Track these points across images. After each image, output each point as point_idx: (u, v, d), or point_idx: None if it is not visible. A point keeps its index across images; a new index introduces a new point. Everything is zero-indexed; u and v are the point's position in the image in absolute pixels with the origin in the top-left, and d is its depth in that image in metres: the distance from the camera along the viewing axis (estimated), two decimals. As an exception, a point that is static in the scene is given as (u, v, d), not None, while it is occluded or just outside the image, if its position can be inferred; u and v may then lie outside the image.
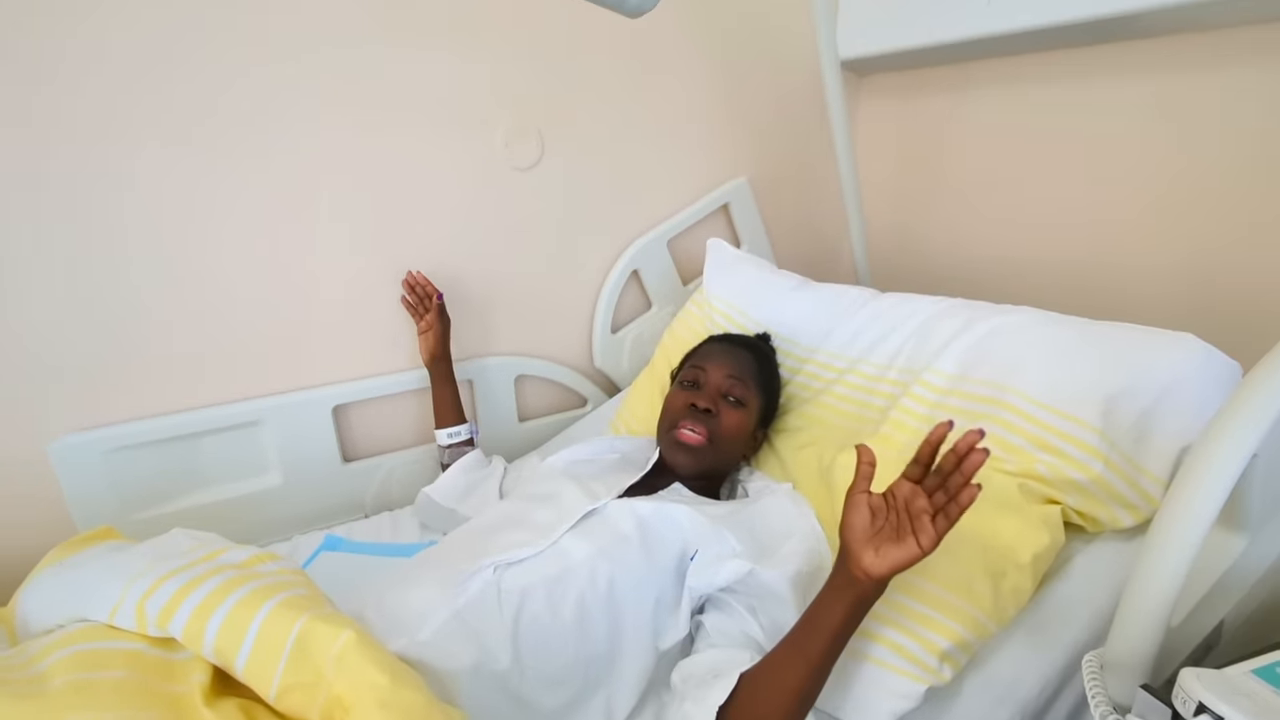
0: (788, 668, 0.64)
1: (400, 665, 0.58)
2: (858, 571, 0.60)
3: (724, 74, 1.46)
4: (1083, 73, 1.22)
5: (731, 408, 0.94)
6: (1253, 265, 1.07)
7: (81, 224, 0.96)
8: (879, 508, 0.62)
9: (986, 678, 0.73)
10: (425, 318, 1.17)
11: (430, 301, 1.17)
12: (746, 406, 0.96)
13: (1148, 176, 1.18)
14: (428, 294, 1.17)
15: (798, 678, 0.63)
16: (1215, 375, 0.78)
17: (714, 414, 0.92)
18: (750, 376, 0.97)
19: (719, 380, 0.96)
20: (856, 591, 0.61)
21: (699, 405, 0.92)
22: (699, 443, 0.90)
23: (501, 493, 1.09)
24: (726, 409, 0.94)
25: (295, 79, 1.05)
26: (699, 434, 0.90)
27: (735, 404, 0.95)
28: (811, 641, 0.63)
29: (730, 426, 0.93)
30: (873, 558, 0.60)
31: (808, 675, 0.63)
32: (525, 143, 1.26)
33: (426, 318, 1.16)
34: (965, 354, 0.93)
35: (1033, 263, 1.36)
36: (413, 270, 1.18)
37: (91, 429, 1.01)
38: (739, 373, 0.96)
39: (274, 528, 1.16)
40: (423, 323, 1.17)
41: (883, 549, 0.59)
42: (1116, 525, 0.80)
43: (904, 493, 0.61)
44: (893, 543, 0.59)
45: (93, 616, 0.61)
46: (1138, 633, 0.56)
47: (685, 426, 0.91)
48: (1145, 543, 0.55)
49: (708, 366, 0.97)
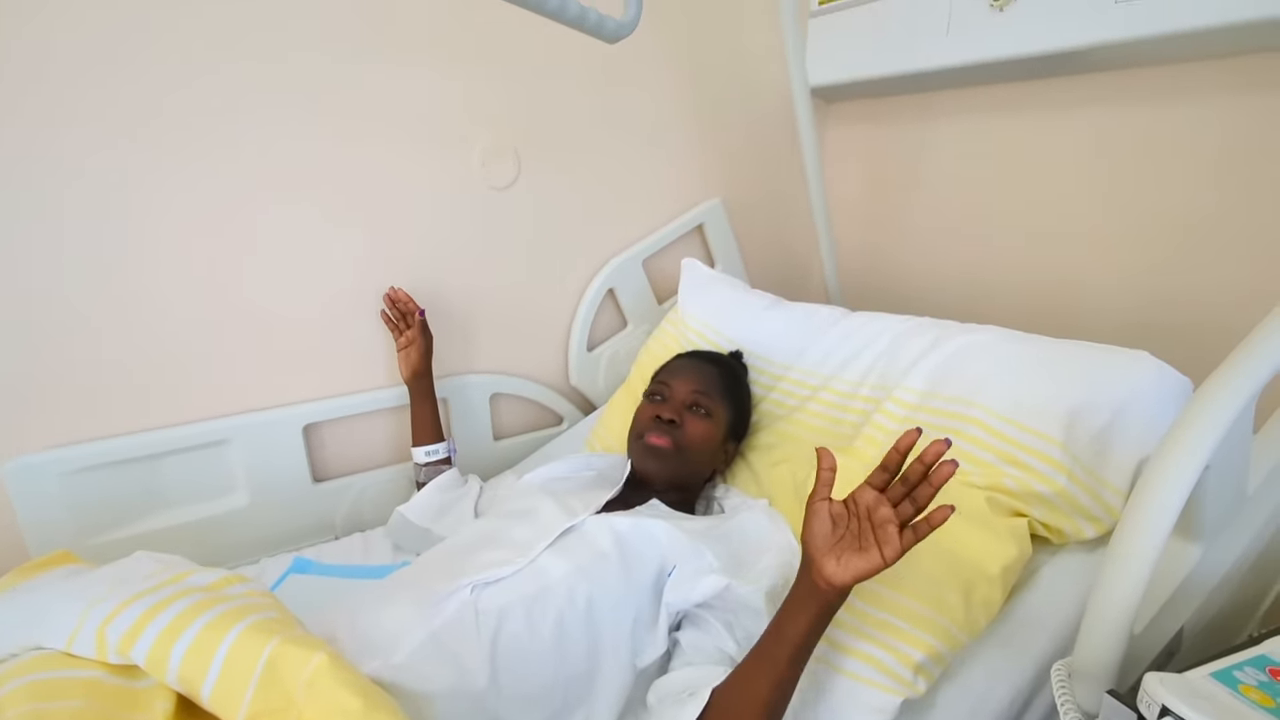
0: (756, 679, 0.64)
1: (373, 688, 0.56)
2: (820, 581, 0.60)
3: (698, 98, 1.49)
4: (1039, 104, 1.29)
5: (697, 418, 0.96)
6: (1206, 285, 1.12)
7: (34, 237, 0.93)
8: (840, 515, 0.61)
9: (960, 689, 0.74)
10: (406, 334, 1.15)
11: (412, 318, 1.16)
12: (713, 417, 0.97)
13: (1102, 201, 1.24)
14: (409, 310, 1.16)
15: (765, 688, 0.63)
16: (1168, 391, 0.81)
17: (678, 424, 0.94)
18: (715, 389, 0.99)
19: (683, 393, 0.98)
20: (820, 600, 0.61)
21: (664, 416, 0.94)
22: (667, 445, 0.92)
23: (477, 512, 1.07)
24: (691, 419, 0.95)
25: (270, 90, 1.04)
26: (665, 440, 0.92)
27: (701, 414, 0.96)
28: (777, 651, 0.63)
29: (696, 436, 0.94)
30: (835, 566, 0.59)
31: (775, 685, 0.62)
32: (502, 162, 1.27)
33: (407, 334, 1.15)
34: (934, 371, 0.95)
35: (997, 283, 1.41)
36: (394, 286, 1.17)
37: (48, 450, 0.97)
38: (703, 386, 0.98)
39: (241, 550, 1.12)
40: (403, 339, 1.15)
41: (844, 558, 0.59)
42: (1081, 536, 0.82)
43: (867, 500, 0.61)
44: (855, 552, 0.59)
45: (48, 644, 0.58)
46: (1103, 641, 0.57)
47: (652, 435, 0.93)
48: (1107, 554, 0.57)
49: (672, 381, 1.00)
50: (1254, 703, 0.46)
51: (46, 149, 0.92)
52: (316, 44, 1.06)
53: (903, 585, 0.75)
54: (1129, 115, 1.18)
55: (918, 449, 0.60)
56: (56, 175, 0.93)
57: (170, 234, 1.01)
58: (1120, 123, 1.19)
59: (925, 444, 0.60)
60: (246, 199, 1.06)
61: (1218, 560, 0.68)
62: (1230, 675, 0.48)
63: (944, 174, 1.48)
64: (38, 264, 0.94)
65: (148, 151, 0.98)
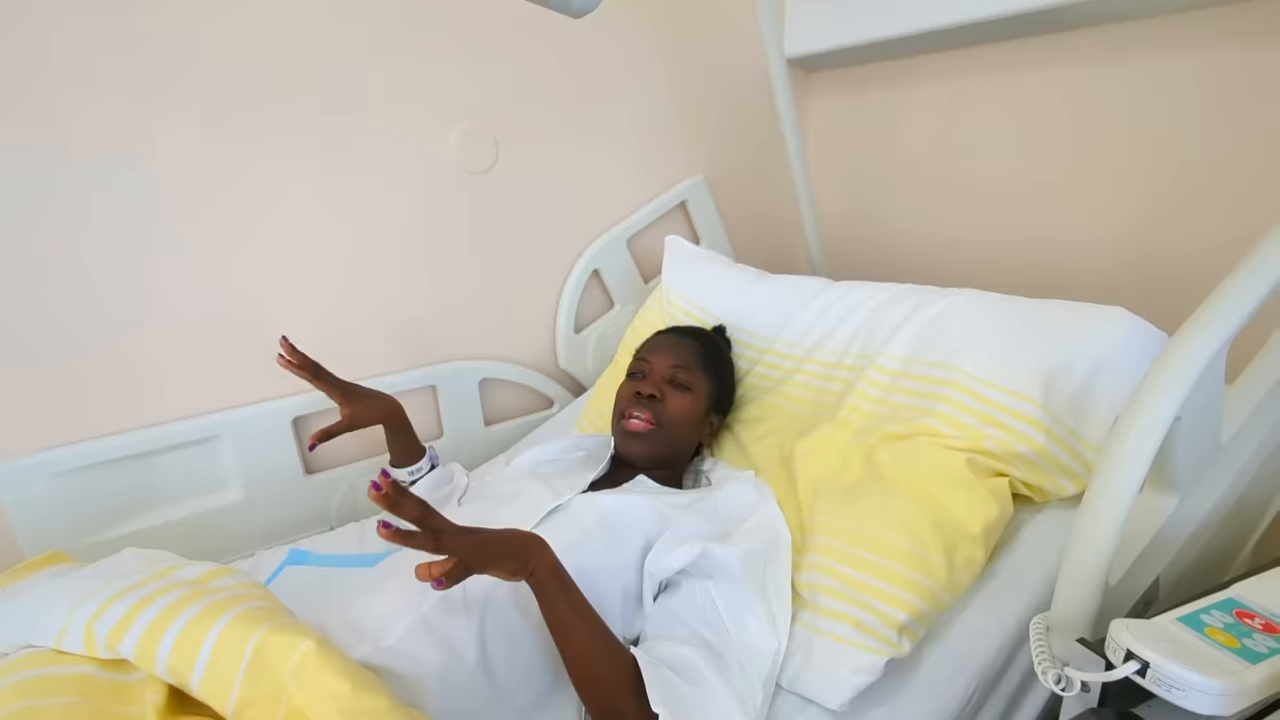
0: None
1: (361, 672, 0.57)
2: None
3: (676, 73, 1.47)
4: (1018, 64, 1.28)
5: (677, 392, 0.96)
6: (1188, 240, 1.12)
7: (15, 242, 0.93)
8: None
9: (944, 647, 0.75)
10: (342, 411, 1.00)
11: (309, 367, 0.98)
12: (693, 390, 0.97)
13: (1083, 160, 1.23)
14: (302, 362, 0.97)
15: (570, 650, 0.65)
16: (1145, 345, 0.82)
17: (659, 399, 0.94)
18: (695, 362, 0.99)
19: (662, 368, 0.98)
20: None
21: (643, 392, 0.95)
22: (647, 428, 0.92)
23: (460, 502, 1.08)
24: (672, 393, 0.96)
25: (243, 80, 1.03)
26: (645, 420, 0.92)
27: (681, 388, 0.97)
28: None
29: (677, 410, 0.95)
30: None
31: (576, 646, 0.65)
32: (479, 146, 1.26)
33: (343, 413, 1.00)
34: (915, 337, 0.95)
35: (980, 245, 1.41)
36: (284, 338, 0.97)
37: (37, 452, 0.98)
38: (682, 360, 0.99)
39: (236, 544, 1.13)
40: (341, 420, 1.00)
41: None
42: (1061, 494, 0.83)
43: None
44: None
45: (38, 642, 0.59)
46: (1078, 593, 0.58)
47: (632, 415, 0.93)
48: (1081, 508, 0.58)
49: (652, 357, 1.00)
50: (1219, 644, 0.47)
51: (27, 153, 0.91)
52: (288, 31, 1.05)
53: (885, 548, 0.76)
54: (1108, 72, 1.17)
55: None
56: (37, 179, 0.92)
57: (151, 231, 1.01)
58: (1099, 79, 1.18)
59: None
60: (225, 193, 1.05)
61: (1192, 510, 0.69)
62: (1197, 619, 0.49)
63: (925, 139, 1.47)
64: (20, 269, 0.94)
65: (125, 149, 0.97)
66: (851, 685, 0.70)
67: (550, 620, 0.65)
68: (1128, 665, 0.45)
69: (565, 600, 0.65)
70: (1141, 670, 0.45)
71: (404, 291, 1.24)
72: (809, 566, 0.80)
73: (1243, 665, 0.45)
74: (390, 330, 1.25)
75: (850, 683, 0.70)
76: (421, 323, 1.24)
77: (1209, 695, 0.43)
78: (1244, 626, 0.49)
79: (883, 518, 0.79)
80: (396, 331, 1.26)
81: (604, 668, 0.64)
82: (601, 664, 0.64)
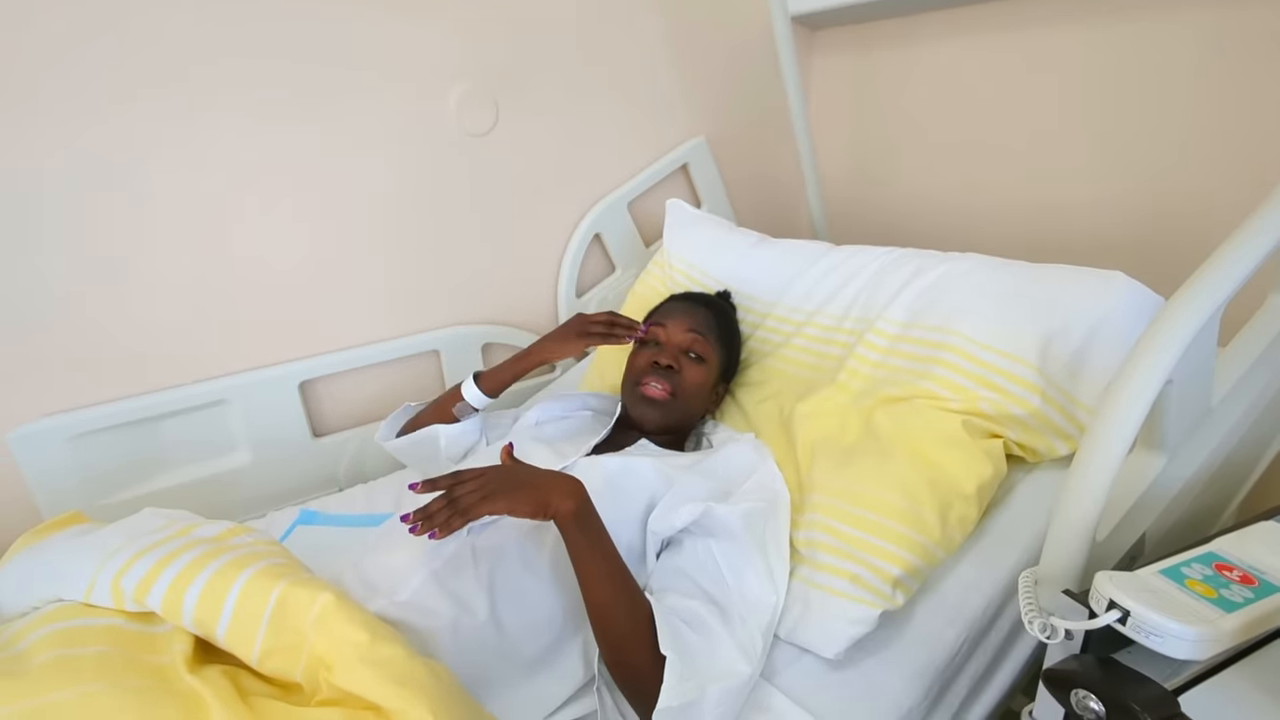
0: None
1: (378, 623, 0.60)
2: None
3: (678, 33, 1.44)
4: (1021, 22, 1.26)
5: (693, 363, 0.97)
6: (1189, 203, 1.12)
7: (23, 208, 0.93)
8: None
9: (937, 600, 0.78)
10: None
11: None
12: (707, 362, 0.98)
13: (1086, 121, 1.22)
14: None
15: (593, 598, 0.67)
16: (1141, 308, 0.83)
17: (676, 370, 0.95)
18: (710, 332, 1.00)
19: (680, 337, 0.98)
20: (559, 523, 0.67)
21: (661, 362, 0.95)
22: (664, 397, 0.93)
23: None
24: (688, 365, 0.96)
25: (244, 45, 1.01)
26: (664, 389, 0.93)
27: (696, 360, 0.97)
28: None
29: (692, 381, 0.96)
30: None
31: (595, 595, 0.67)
32: (479, 107, 1.25)
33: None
34: (914, 301, 0.96)
35: (983, 208, 1.41)
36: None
37: (51, 415, 1.00)
38: (699, 329, 0.99)
39: (247, 506, 1.16)
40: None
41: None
42: (1054, 454, 0.85)
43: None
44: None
45: (68, 596, 0.61)
46: (1066, 547, 0.60)
47: (650, 382, 0.93)
48: (1071, 466, 0.60)
49: (668, 324, 1.00)
50: (1197, 594, 0.49)
51: (32, 120, 0.91)
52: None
53: (882, 506, 0.79)
54: (1111, 31, 1.15)
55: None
56: (42, 145, 0.92)
57: (157, 197, 1.01)
58: (1102, 39, 1.16)
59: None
60: (229, 157, 1.05)
61: (1180, 470, 0.71)
62: (1179, 571, 0.51)
63: (929, 100, 1.45)
64: (30, 235, 0.94)
65: (130, 118, 0.96)
66: (846, 636, 0.73)
67: (575, 565, 0.67)
68: (1110, 614, 0.47)
69: (588, 545, 0.67)
70: (1123, 619, 0.47)
71: (406, 255, 1.24)
72: (807, 525, 0.82)
73: (1218, 614, 0.47)
74: (392, 295, 1.26)
75: (845, 633, 0.74)
76: (423, 287, 1.24)
77: (1184, 641, 0.45)
78: (1222, 578, 0.51)
79: (879, 477, 0.81)
80: (399, 296, 1.26)
81: (624, 617, 0.66)
82: (621, 613, 0.66)
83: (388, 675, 0.55)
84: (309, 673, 0.58)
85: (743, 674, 0.67)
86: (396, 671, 0.56)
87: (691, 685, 0.62)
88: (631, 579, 0.69)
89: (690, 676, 0.62)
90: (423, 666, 0.58)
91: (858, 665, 0.74)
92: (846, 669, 0.74)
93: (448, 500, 0.64)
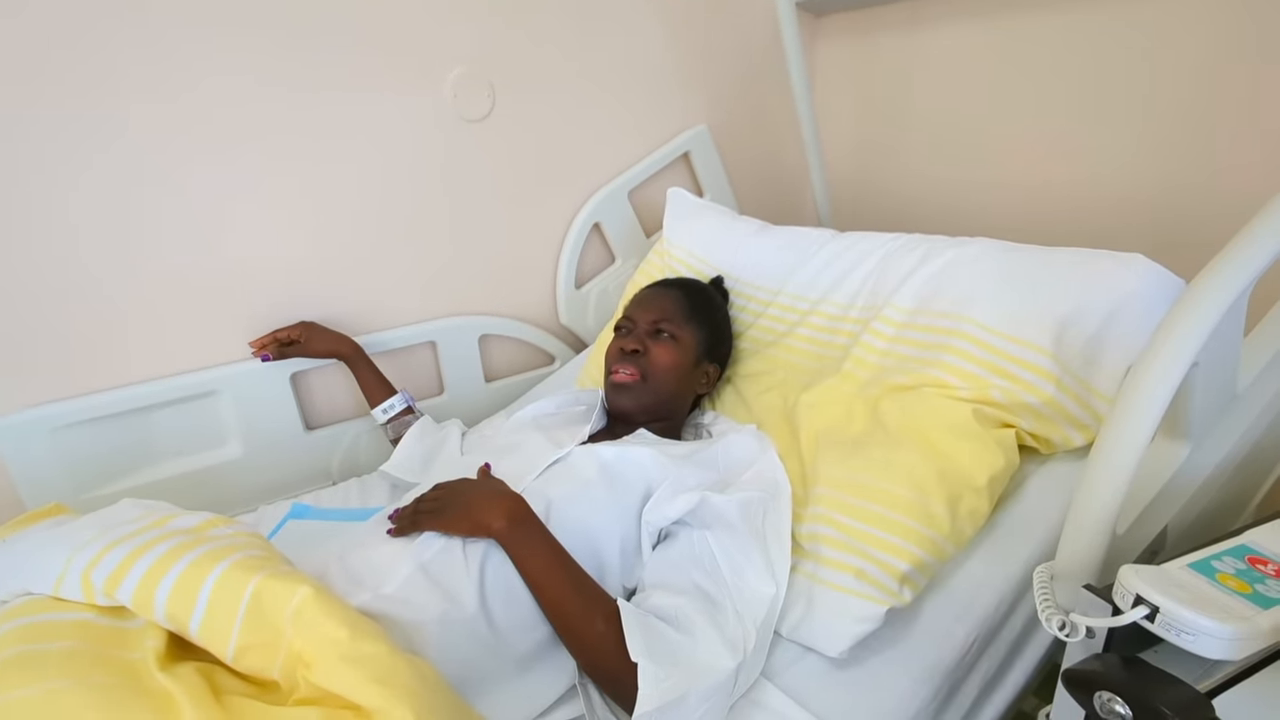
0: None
1: (359, 618, 0.57)
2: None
3: (680, 18, 1.41)
4: (1027, 6, 1.21)
5: (663, 343, 0.95)
6: (1206, 183, 1.08)
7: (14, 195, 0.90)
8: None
9: (946, 597, 0.75)
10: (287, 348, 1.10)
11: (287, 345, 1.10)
12: (679, 340, 0.96)
13: (1100, 102, 1.18)
14: (285, 338, 1.10)
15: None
16: (1162, 292, 0.79)
17: (642, 353, 0.94)
18: (679, 312, 0.98)
19: (645, 322, 0.97)
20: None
21: (627, 348, 0.94)
22: (631, 380, 0.92)
23: (462, 451, 1.08)
24: (656, 345, 0.95)
25: (235, 26, 0.99)
26: (630, 374, 0.92)
27: (668, 339, 0.96)
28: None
29: (662, 361, 0.94)
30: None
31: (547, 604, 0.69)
32: (475, 92, 1.22)
33: (301, 336, 1.11)
34: (923, 287, 0.93)
35: (993, 193, 1.37)
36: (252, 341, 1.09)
37: (35, 407, 0.97)
38: (665, 312, 0.98)
39: (238, 499, 1.14)
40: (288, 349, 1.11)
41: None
42: (1069, 445, 0.82)
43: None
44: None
45: (36, 589, 0.59)
46: (1085, 541, 0.57)
47: (619, 369, 0.93)
48: (1091, 454, 0.57)
49: (635, 311, 1.00)
50: (1230, 590, 0.46)
51: (9, 111, 0.88)
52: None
53: (888, 499, 0.75)
54: (1124, 11, 1.10)
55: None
56: (22, 136, 0.90)
57: (142, 182, 0.98)
58: (1115, 19, 1.12)
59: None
60: (218, 143, 1.02)
61: (1204, 460, 0.68)
62: (1208, 565, 0.48)
63: (935, 85, 1.41)
64: (14, 226, 0.92)
65: (113, 104, 0.94)
66: (851, 634, 0.70)
67: (523, 578, 0.69)
68: (1137, 610, 0.44)
69: (529, 556, 0.69)
70: (1150, 615, 0.44)
71: (401, 245, 1.21)
72: (811, 518, 0.79)
73: (1254, 610, 0.44)
74: (388, 286, 1.23)
75: (850, 631, 0.70)
76: (420, 278, 1.21)
77: (1219, 640, 0.42)
78: (1256, 572, 0.48)
79: (886, 469, 0.78)
80: (394, 287, 1.24)
81: (581, 624, 0.66)
82: (577, 621, 0.66)
83: (369, 674, 0.52)
84: (287, 670, 0.56)
85: (726, 668, 0.64)
86: (378, 670, 0.53)
87: (670, 686, 0.60)
88: (589, 585, 0.68)
89: (669, 677, 0.60)
90: (406, 664, 0.55)
91: (863, 665, 0.71)
92: (851, 668, 0.71)
93: (411, 511, 0.73)
